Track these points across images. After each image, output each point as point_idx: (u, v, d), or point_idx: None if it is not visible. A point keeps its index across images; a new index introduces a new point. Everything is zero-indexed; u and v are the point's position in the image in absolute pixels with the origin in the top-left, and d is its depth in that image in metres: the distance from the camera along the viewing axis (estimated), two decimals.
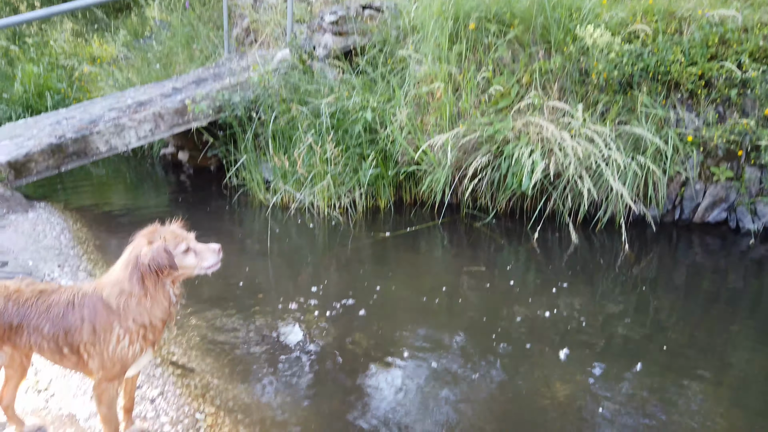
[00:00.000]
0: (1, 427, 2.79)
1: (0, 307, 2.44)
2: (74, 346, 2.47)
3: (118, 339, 2.45)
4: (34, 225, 6.45)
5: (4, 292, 2.49)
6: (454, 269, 5.66)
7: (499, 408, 3.43)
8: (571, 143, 6.13)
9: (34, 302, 2.49)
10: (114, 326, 2.45)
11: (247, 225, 7.54)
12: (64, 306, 2.48)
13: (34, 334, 2.45)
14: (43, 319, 2.46)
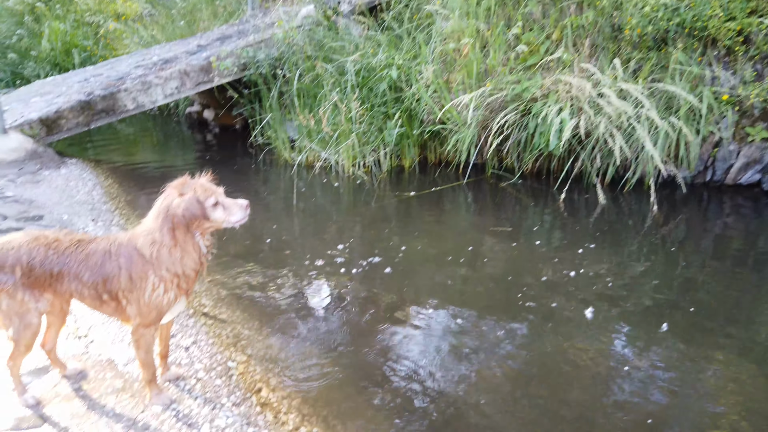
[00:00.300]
0: (45, 370, 2.93)
1: (41, 255, 2.54)
2: (113, 293, 2.56)
3: (153, 287, 2.54)
4: (67, 180, 6.59)
5: (44, 241, 2.58)
6: (479, 229, 5.66)
7: (522, 364, 3.48)
8: (602, 101, 5.99)
9: (73, 251, 2.58)
10: (149, 274, 2.53)
11: (273, 183, 7.60)
12: (102, 255, 2.56)
13: (75, 282, 2.55)
14: (83, 268, 2.55)
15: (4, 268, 2.50)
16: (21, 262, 2.51)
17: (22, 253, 2.52)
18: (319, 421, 2.98)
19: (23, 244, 2.55)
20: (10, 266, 2.50)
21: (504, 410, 3.09)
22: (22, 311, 2.54)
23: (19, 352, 2.61)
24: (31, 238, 2.58)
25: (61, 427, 2.51)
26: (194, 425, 2.61)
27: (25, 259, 2.51)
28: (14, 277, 2.50)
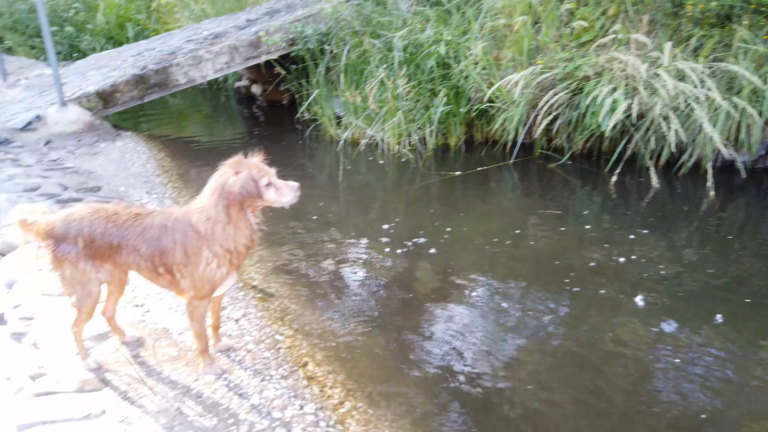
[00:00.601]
0: (106, 336, 3.08)
1: (101, 227, 2.64)
2: (168, 267, 2.66)
3: (207, 261, 2.62)
4: (123, 153, 6.82)
5: (104, 214, 2.69)
6: (526, 211, 5.57)
7: (566, 349, 3.45)
8: (658, 82, 5.76)
9: (132, 224, 2.68)
10: (203, 250, 2.61)
11: (319, 159, 7.66)
12: (158, 229, 2.66)
13: (133, 254, 2.65)
14: (140, 240, 2.65)
15: (68, 239, 2.62)
16: (83, 234, 2.62)
17: (84, 225, 2.63)
18: (363, 397, 3.05)
19: (85, 216, 2.66)
20: (73, 237, 2.62)
21: (545, 395, 3.08)
22: (84, 280, 2.67)
23: (81, 318, 2.75)
24: (92, 210, 2.69)
25: (120, 391, 2.64)
26: (244, 395, 2.70)
27: (86, 231, 2.62)
28: (77, 247, 2.62)
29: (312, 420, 2.64)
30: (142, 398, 2.61)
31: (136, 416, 2.49)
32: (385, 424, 2.86)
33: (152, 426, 2.43)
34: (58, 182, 5.35)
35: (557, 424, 2.90)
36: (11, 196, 4.88)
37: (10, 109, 8.16)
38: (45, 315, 3.21)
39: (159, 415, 2.50)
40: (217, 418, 2.53)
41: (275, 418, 2.58)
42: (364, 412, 2.92)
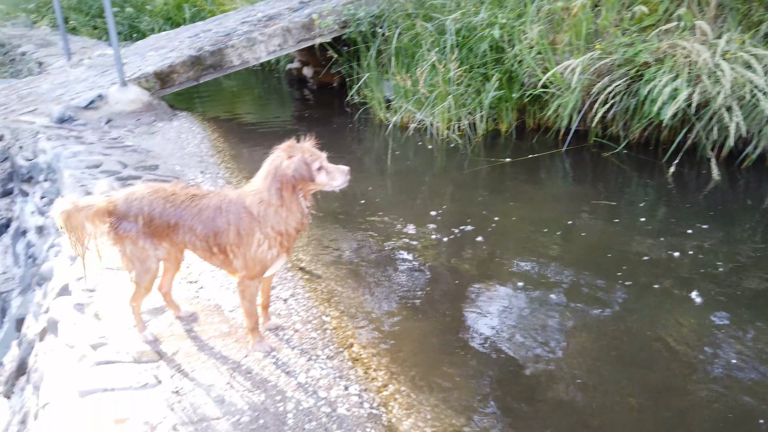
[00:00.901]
0: (161, 311, 3.21)
1: (160, 207, 2.74)
2: (221, 247, 2.74)
3: (259, 243, 2.69)
4: (179, 133, 7.02)
5: (162, 194, 2.79)
6: (577, 200, 5.44)
7: (614, 343, 3.38)
8: (725, 69, 5.48)
9: (188, 204, 2.77)
10: (255, 231, 2.67)
11: (368, 143, 7.69)
12: (214, 210, 2.73)
13: (189, 233, 2.75)
14: (196, 221, 2.73)
15: (129, 217, 2.73)
16: (143, 213, 2.72)
17: (143, 204, 2.73)
18: (406, 381, 3.08)
19: (145, 195, 2.76)
20: (134, 216, 2.73)
21: (589, 386, 3.03)
22: (143, 257, 2.78)
23: (139, 293, 2.87)
24: (152, 190, 2.79)
25: (175, 363, 2.76)
26: (291, 373, 2.78)
27: (146, 210, 2.72)
28: (137, 225, 2.73)
29: (356, 401, 2.69)
30: (194, 371, 2.71)
31: (189, 388, 2.59)
32: (427, 408, 2.89)
33: (204, 398, 2.53)
34: (118, 160, 5.57)
35: (600, 417, 2.85)
36: (75, 172, 5.11)
37: (74, 88, 8.51)
38: (105, 287, 3.37)
39: (210, 388, 2.60)
40: (265, 394, 2.61)
41: (321, 397, 2.64)
42: (407, 395, 2.96)
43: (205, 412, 2.45)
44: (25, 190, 6.18)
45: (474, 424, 2.82)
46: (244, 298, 2.83)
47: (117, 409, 2.43)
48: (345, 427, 2.48)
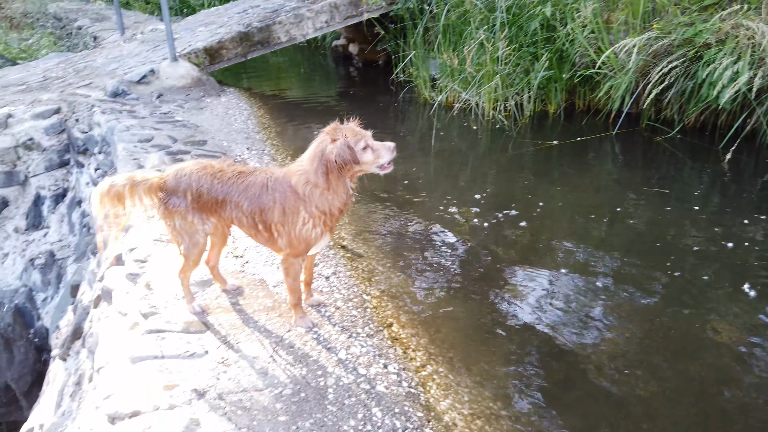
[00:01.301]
0: (209, 283, 3.31)
1: (208, 183, 2.81)
2: (267, 224, 2.80)
3: (303, 222, 2.73)
4: (226, 109, 7.14)
5: (210, 170, 2.85)
6: (627, 186, 5.29)
7: (658, 334, 3.30)
8: None
9: (235, 181, 2.82)
10: (300, 210, 2.72)
11: (412, 122, 7.64)
12: (260, 187, 2.79)
13: (236, 209, 2.81)
14: (243, 197, 2.79)
15: (178, 193, 2.81)
16: (191, 189, 2.79)
17: (192, 180, 2.80)
18: (444, 362, 3.10)
19: (193, 171, 2.83)
20: (183, 191, 2.80)
21: (631, 376, 2.98)
22: (192, 231, 2.86)
23: (188, 266, 2.96)
24: (200, 166, 2.86)
25: (221, 335, 2.85)
26: (332, 349, 2.83)
27: (194, 186, 2.79)
28: (186, 201, 2.80)
29: (395, 379, 2.73)
30: (239, 343, 2.80)
31: (234, 359, 2.68)
32: (464, 390, 2.90)
33: (248, 370, 2.61)
34: (168, 134, 5.71)
35: (642, 407, 2.81)
36: (128, 146, 5.28)
37: (127, 63, 8.74)
38: (156, 259, 3.50)
39: (255, 360, 2.68)
40: (306, 368, 2.67)
41: (360, 374, 2.69)
42: (445, 376, 2.98)
43: (249, 383, 2.53)
44: (81, 162, 6.43)
45: (511, 408, 2.82)
46: (288, 275, 2.89)
47: (166, 376, 2.53)
48: (383, 404, 2.52)
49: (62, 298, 5.33)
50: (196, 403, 2.39)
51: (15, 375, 5.05)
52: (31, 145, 6.59)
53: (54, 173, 6.68)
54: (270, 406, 2.41)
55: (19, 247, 6.36)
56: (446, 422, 2.60)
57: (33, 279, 6.08)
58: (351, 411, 2.45)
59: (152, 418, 2.30)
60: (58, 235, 6.43)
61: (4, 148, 6.41)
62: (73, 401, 3.20)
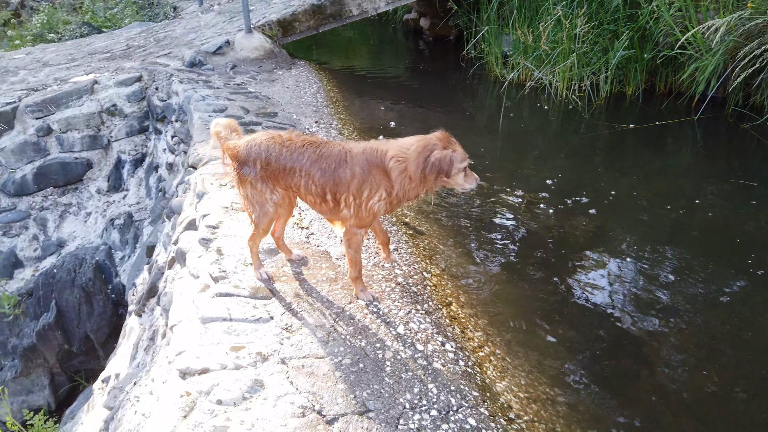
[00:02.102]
0: (275, 252, 3.42)
1: (276, 152, 2.88)
2: (337, 196, 2.85)
3: (379, 198, 2.81)
4: (297, 81, 7.25)
5: (279, 140, 2.92)
6: (707, 176, 5.01)
7: (729, 334, 3.15)
8: None
9: (305, 151, 2.88)
10: (381, 189, 2.78)
11: (480, 100, 7.50)
12: (336, 160, 2.84)
13: (305, 178, 2.87)
14: (315, 167, 2.85)
15: (249, 162, 2.89)
16: (260, 158, 2.87)
17: (261, 149, 2.88)
18: (502, 344, 3.09)
19: (263, 141, 2.91)
20: (253, 160, 2.88)
21: (695, 375, 2.87)
22: (261, 200, 2.95)
23: (257, 234, 3.06)
24: (269, 136, 2.93)
25: (285, 302, 2.95)
26: (391, 324, 2.88)
27: (263, 155, 2.87)
28: (255, 170, 2.89)
29: (452, 357, 2.74)
30: (302, 312, 2.89)
31: (297, 326, 2.77)
32: (521, 374, 2.89)
33: (310, 338, 2.70)
34: (241, 105, 5.87)
35: (706, 408, 2.71)
36: (203, 115, 5.47)
37: (204, 33, 9.00)
38: (227, 226, 3.64)
39: (316, 329, 2.76)
40: (366, 340, 2.73)
41: (418, 349, 2.72)
42: (502, 359, 2.97)
43: (311, 351, 2.62)
44: (159, 129, 6.73)
45: (569, 395, 2.79)
46: (350, 246, 2.95)
47: (233, 338, 2.66)
48: (440, 381, 2.54)
49: (138, 257, 5.65)
50: (260, 366, 2.50)
51: (94, 326, 5.43)
52: (114, 111, 6.95)
53: (134, 138, 7.03)
54: (330, 373, 2.49)
55: (101, 207, 6.77)
56: (501, 403, 2.61)
57: (112, 238, 6.47)
58: (408, 385, 2.49)
59: (220, 376, 2.42)
60: (136, 197, 6.80)
61: (89, 113, 6.80)
62: (147, 355, 3.42)
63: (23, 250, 6.45)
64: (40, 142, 6.68)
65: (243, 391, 2.35)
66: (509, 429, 2.45)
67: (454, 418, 2.36)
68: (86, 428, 3.63)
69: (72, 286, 5.49)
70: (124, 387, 3.22)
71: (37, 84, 7.22)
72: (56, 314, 5.38)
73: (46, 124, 6.68)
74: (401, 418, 2.31)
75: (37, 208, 6.62)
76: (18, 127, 6.63)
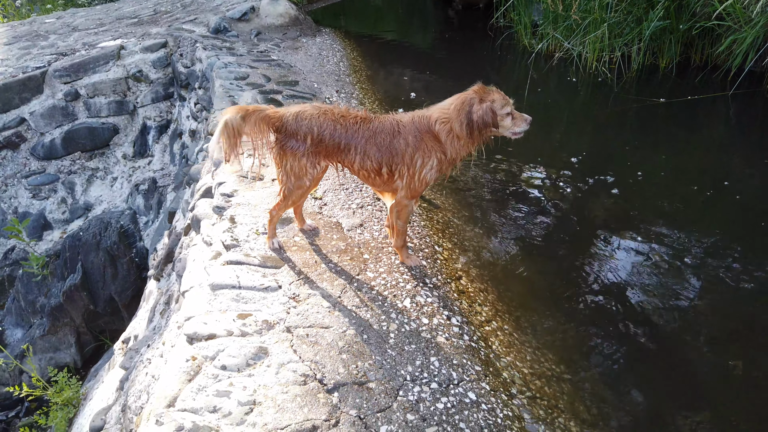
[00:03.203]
0: (288, 221, 3.44)
1: (330, 128, 2.85)
2: (392, 168, 2.85)
3: (432, 166, 2.81)
4: (320, 50, 7.19)
5: (332, 116, 2.87)
6: (740, 156, 4.83)
7: (749, 322, 3.07)
8: None
9: (359, 127, 2.85)
10: (433, 155, 2.78)
11: (507, 70, 7.33)
12: (389, 134, 2.82)
13: (360, 155, 2.85)
14: (370, 144, 2.83)
15: (298, 136, 2.86)
16: (312, 133, 2.85)
17: (313, 124, 2.85)
18: (511, 320, 3.07)
19: (314, 115, 2.87)
20: (303, 135, 2.85)
21: (711, 361, 2.82)
22: (300, 174, 2.93)
23: (284, 205, 3.06)
24: (321, 111, 2.89)
25: (294, 272, 2.98)
26: (398, 296, 2.88)
27: (316, 131, 2.84)
28: (305, 144, 2.86)
29: (456, 332, 2.75)
30: (310, 282, 2.91)
31: (305, 296, 2.80)
32: (528, 350, 2.88)
33: (316, 308, 2.73)
34: (263, 73, 5.86)
35: (718, 397, 2.66)
36: (224, 83, 5.47)
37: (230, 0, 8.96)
38: (241, 195, 3.67)
39: (323, 299, 2.79)
40: (371, 312, 2.74)
41: (423, 323, 2.73)
42: (509, 334, 2.96)
43: (316, 320, 2.65)
44: (183, 96, 6.78)
45: (575, 373, 2.77)
46: (400, 218, 2.97)
47: (241, 306, 2.70)
48: (442, 354, 2.55)
49: (161, 222, 5.77)
50: (266, 334, 2.54)
51: (118, 288, 5.59)
52: (140, 77, 7.01)
53: (159, 105, 7.10)
54: (333, 343, 2.52)
55: (126, 172, 6.90)
56: (504, 378, 2.61)
57: (137, 203, 6.61)
58: (410, 357, 2.50)
59: (226, 342, 2.47)
60: (160, 163, 6.90)
61: (116, 79, 6.87)
62: (163, 318, 3.50)
63: (52, 213, 6.64)
64: (68, 107, 6.79)
65: (247, 357, 2.40)
66: (510, 404, 2.45)
67: (454, 391, 2.38)
68: (106, 386, 3.77)
69: (97, 249, 5.64)
70: (139, 349, 3.32)
71: (66, 49, 7.32)
72: (82, 276, 5.55)
73: (74, 89, 6.79)
74: (401, 389, 2.33)
75: (66, 172, 6.78)
76: (47, 91, 6.75)
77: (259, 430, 2.07)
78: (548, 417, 2.49)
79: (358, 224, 3.46)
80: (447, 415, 2.25)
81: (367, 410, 2.21)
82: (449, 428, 2.20)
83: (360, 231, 3.40)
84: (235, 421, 2.11)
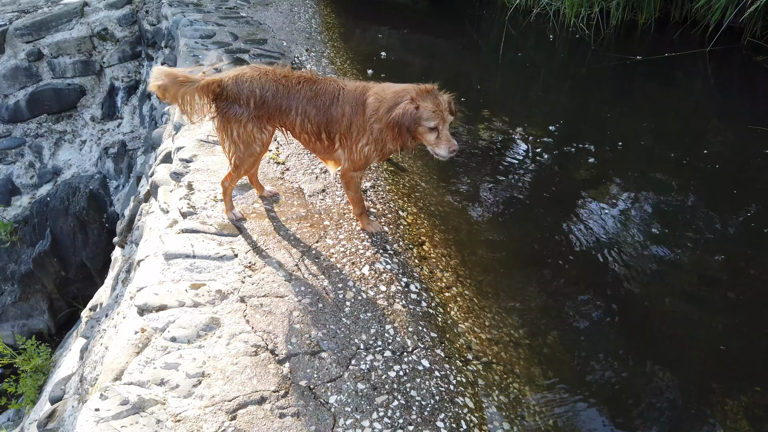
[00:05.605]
0: (247, 188, 3.37)
1: (272, 90, 2.73)
2: (331, 135, 2.77)
3: (367, 142, 2.73)
4: (292, 5, 6.94)
5: (273, 77, 2.76)
6: (718, 116, 4.78)
7: (720, 290, 3.09)
8: None
9: (301, 88, 2.75)
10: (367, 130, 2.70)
11: (485, 27, 7.15)
12: (330, 98, 2.73)
13: (301, 116, 2.75)
14: (311, 105, 2.74)
15: (240, 101, 2.74)
16: (255, 95, 2.73)
17: (255, 86, 2.73)
18: (472, 285, 3.06)
19: (255, 77, 2.75)
20: (246, 98, 2.73)
21: (680, 330, 2.84)
22: (249, 140, 2.81)
23: (236, 174, 2.96)
24: (261, 72, 2.76)
25: (251, 240, 2.93)
26: (356, 264, 2.85)
27: (258, 93, 2.72)
28: (248, 109, 2.75)
29: (414, 299, 2.73)
30: (268, 249, 2.87)
31: (261, 265, 2.76)
32: (487, 315, 2.88)
33: (272, 276, 2.69)
34: (230, 31, 5.66)
35: (684, 355, 2.69)
36: (189, 41, 5.29)
37: None
38: (201, 160, 3.58)
39: (280, 267, 2.75)
40: (328, 280, 2.72)
41: (380, 290, 2.71)
42: (469, 300, 2.95)
43: (271, 289, 2.62)
44: (151, 55, 6.56)
45: (535, 339, 2.78)
46: (349, 188, 2.92)
47: (195, 275, 2.66)
48: (398, 322, 2.54)
49: (131, 187, 5.66)
50: (218, 304, 2.51)
51: (89, 254, 5.53)
52: (106, 36, 6.76)
53: (127, 65, 6.88)
54: (287, 313, 2.50)
55: (95, 135, 6.73)
56: (461, 344, 2.61)
57: (107, 167, 6.48)
58: (365, 326, 2.49)
59: (177, 313, 2.44)
60: (130, 126, 6.73)
61: (80, 37, 6.62)
62: (124, 287, 3.46)
63: (20, 177, 6.50)
64: (31, 67, 6.56)
65: (198, 328, 2.37)
66: (464, 370, 2.46)
67: (408, 359, 2.37)
68: (72, 354, 3.75)
69: (66, 214, 5.55)
70: (100, 318, 3.30)
71: (28, 5, 7.02)
72: (51, 242, 5.47)
73: (37, 49, 6.54)
74: (353, 358, 2.33)
75: (32, 135, 6.60)
76: (9, 51, 6.50)
77: (207, 402, 2.06)
78: (503, 382, 2.51)
79: (320, 189, 3.40)
80: (398, 383, 2.25)
81: (318, 380, 2.21)
82: (399, 396, 2.21)
83: (322, 197, 3.35)
84: (183, 393, 2.09)
